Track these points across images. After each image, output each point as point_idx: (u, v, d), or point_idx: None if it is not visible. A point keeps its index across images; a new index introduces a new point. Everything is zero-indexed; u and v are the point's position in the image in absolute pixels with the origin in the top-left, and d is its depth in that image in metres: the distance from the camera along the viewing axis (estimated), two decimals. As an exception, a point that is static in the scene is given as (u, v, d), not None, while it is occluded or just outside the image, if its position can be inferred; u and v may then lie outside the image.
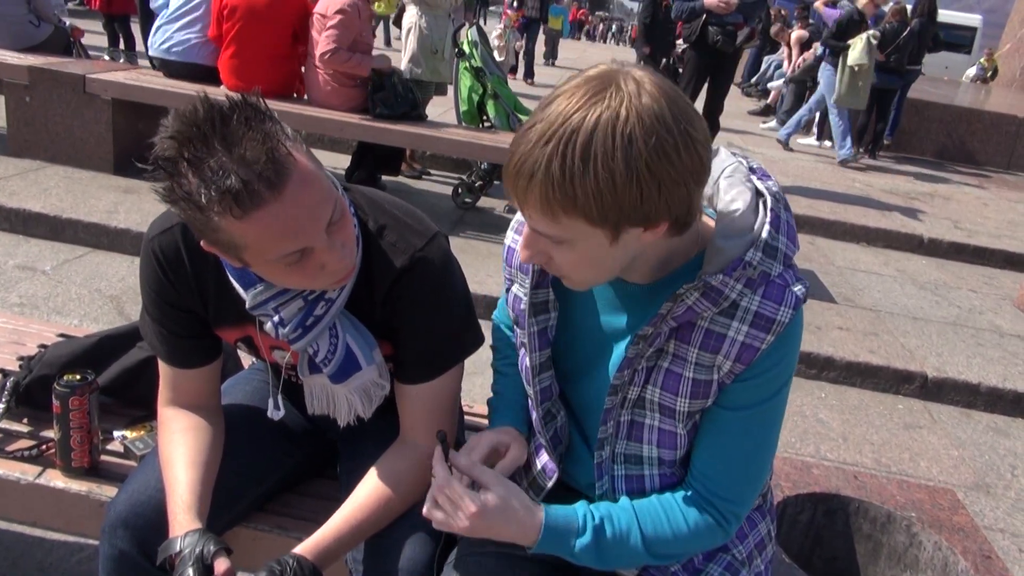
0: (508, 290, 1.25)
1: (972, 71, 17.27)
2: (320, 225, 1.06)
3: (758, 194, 1.06)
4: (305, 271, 1.10)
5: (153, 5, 4.78)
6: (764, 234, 1.00)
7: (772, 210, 1.03)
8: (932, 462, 3.15)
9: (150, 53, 4.81)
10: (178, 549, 1.15)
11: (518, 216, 1.20)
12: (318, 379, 1.29)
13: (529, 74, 13.11)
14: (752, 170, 1.10)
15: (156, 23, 4.69)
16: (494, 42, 9.09)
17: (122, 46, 8.41)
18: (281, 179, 1.00)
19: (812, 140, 9.81)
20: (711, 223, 1.06)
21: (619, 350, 1.14)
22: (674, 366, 1.07)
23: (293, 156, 1.02)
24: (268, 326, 1.23)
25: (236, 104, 1.01)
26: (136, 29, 7.92)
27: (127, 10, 8.25)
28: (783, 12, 9.11)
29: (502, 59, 9.10)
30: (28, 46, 4.96)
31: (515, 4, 12.88)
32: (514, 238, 1.22)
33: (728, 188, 1.05)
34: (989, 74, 16.38)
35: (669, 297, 1.02)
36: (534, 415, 1.24)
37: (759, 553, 1.24)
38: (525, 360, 1.21)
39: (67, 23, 5.51)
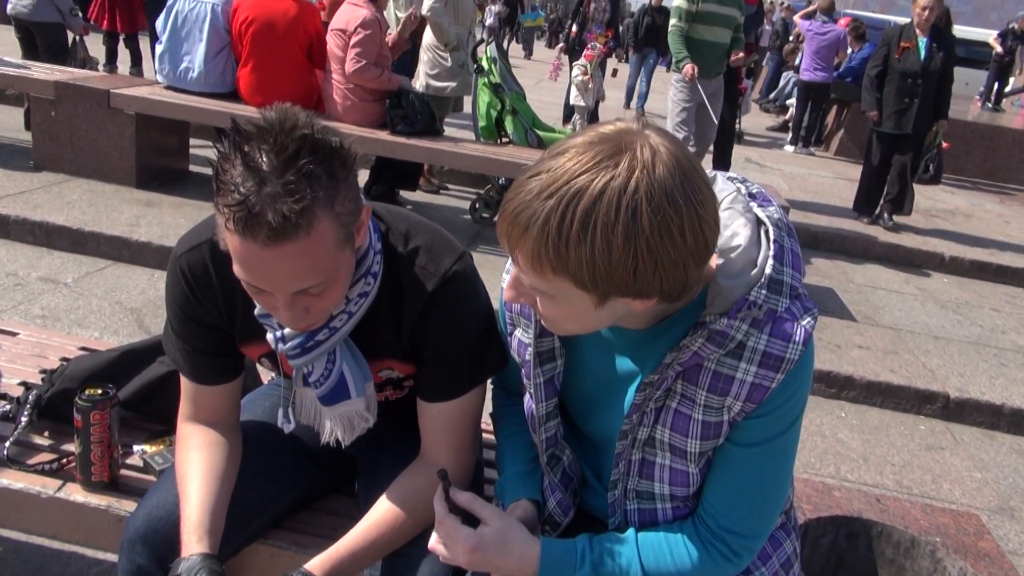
0: (511, 335, 1.24)
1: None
2: (286, 289, 1.06)
3: (759, 222, 1.02)
4: (262, 302, 1.12)
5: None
6: (768, 269, 0.97)
7: (775, 241, 0.99)
8: (955, 484, 3.10)
9: (160, 80, 4.81)
10: (177, 572, 1.15)
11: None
12: (309, 392, 1.30)
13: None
14: (752, 196, 1.06)
15: (160, 50, 4.71)
16: (579, 79, 7.55)
17: (129, 61, 8.45)
18: (280, 238, 0.98)
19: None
20: (714, 259, 1.01)
21: (627, 394, 1.12)
22: (682, 407, 1.05)
23: (314, 226, 1.00)
24: (269, 336, 1.23)
25: (320, 148, 0.99)
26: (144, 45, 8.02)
27: (135, 28, 8.31)
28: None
29: (583, 104, 7.63)
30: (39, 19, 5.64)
31: (604, 27, 8.79)
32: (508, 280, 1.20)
33: (728, 221, 1.01)
34: None
35: (672, 347, 1.00)
36: (541, 459, 1.24)
37: (785, 573, 1.23)
38: (531, 408, 1.20)
39: (79, 14, 5.74)
